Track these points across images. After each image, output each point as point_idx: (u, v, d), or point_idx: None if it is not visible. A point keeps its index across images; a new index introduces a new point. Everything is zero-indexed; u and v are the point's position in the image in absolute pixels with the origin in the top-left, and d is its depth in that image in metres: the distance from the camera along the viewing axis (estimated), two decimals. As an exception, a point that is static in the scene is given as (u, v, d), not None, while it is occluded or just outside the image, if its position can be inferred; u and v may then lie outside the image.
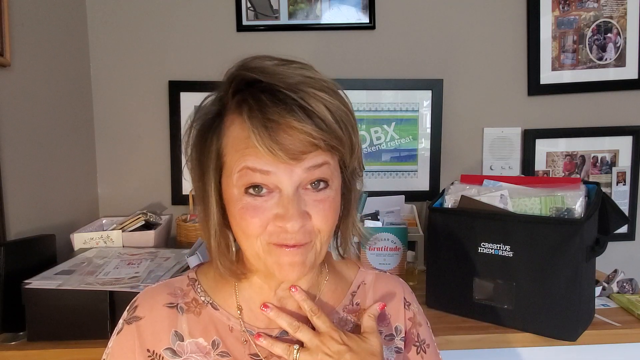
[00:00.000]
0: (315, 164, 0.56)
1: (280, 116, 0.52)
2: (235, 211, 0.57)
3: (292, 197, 0.55)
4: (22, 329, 0.99)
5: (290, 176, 0.55)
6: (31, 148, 1.26)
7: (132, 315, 0.64)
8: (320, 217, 0.57)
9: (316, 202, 0.57)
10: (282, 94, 0.53)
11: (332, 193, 0.58)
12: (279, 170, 0.54)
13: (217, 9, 1.61)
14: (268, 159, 0.53)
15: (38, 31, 1.30)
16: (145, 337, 0.63)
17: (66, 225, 1.37)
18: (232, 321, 0.64)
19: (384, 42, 1.64)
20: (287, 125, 0.53)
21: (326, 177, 0.57)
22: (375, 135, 1.66)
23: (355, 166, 0.63)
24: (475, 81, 1.67)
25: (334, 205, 0.59)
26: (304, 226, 0.56)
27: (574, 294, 0.98)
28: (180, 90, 1.61)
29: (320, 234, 0.58)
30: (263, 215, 0.56)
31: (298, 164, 0.54)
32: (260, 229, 0.56)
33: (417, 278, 1.32)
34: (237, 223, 0.58)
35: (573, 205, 1.02)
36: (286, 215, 0.55)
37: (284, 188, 0.55)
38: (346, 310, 0.68)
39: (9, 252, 1.02)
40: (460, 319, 1.10)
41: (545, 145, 1.68)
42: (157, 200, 1.66)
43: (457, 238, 1.10)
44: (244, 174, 0.55)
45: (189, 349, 0.62)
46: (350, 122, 0.58)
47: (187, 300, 0.66)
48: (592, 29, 1.65)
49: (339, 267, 0.73)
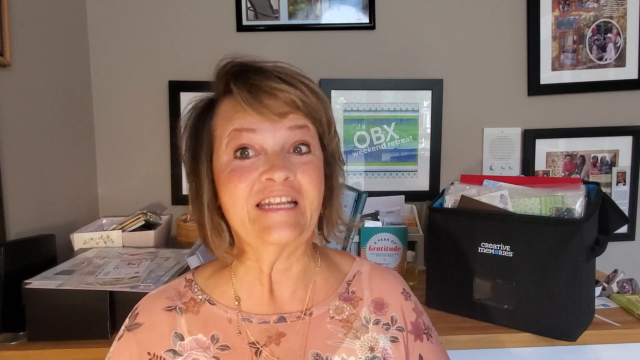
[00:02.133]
0: (297, 124, 0.61)
1: (262, 81, 0.59)
2: (225, 177, 0.60)
3: (278, 153, 0.60)
4: (22, 329, 0.99)
5: (274, 134, 0.60)
6: (31, 148, 1.26)
7: (133, 322, 0.66)
8: (306, 176, 0.60)
9: (301, 163, 0.61)
10: (263, 69, 0.61)
11: (315, 159, 0.62)
12: (264, 128, 0.59)
13: (217, 9, 1.61)
14: (253, 118, 0.59)
15: (38, 31, 1.30)
16: (146, 342, 0.64)
17: (66, 225, 1.37)
18: (230, 313, 0.66)
19: (384, 42, 1.64)
20: (268, 87, 0.59)
21: (307, 140, 0.62)
22: (375, 135, 1.66)
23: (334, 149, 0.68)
24: (475, 81, 1.67)
25: (317, 170, 0.62)
26: (288, 178, 0.59)
27: (574, 294, 0.98)
28: (180, 90, 1.61)
29: (308, 195, 0.60)
30: (250, 175, 0.59)
31: (281, 121, 0.60)
32: (247, 189, 0.59)
33: (417, 278, 1.32)
34: (225, 189, 0.61)
35: (573, 205, 1.02)
36: (272, 166, 0.58)
37: (269, 147, 0.60)
38: (342, 297, 0.70)
39: (9, 252, 1.02)
40: (460, 319, 1.10)
41: (545, 145, 1.68)
42: (157, 200, 1.66)
43: (457, 238, 1.10)
44: (232, 137, 0.60)
45: (189, 347, 0.64)
46: (324, 99, 0.64)
47: (185, 300, 0.67)
48: (592, 29, 1.65)
49: (333, 257, 0.75)
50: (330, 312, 0.68)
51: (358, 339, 0.66)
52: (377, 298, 0.71)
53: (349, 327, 0.67)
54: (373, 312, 0.69)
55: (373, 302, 0.70)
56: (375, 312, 0.69)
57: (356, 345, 0.66)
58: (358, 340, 0.66)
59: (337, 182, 0.69)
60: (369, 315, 0.69)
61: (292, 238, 0.59)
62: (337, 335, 0.66)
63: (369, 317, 0.69)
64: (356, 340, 0.66)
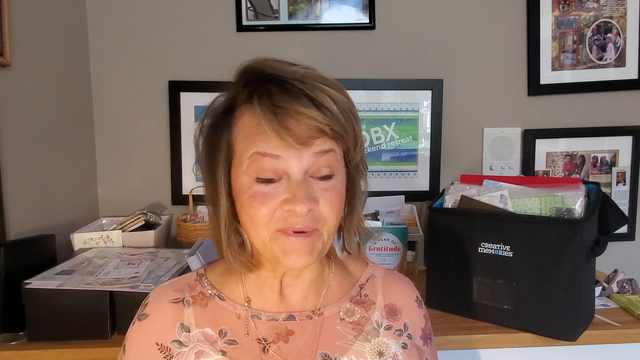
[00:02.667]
0: (322, 149, 0.58)
1: (288, 103, 0.56)
2: (244, 199, 0.59)
3: (300, 182, 0.57)
4: (22, 329, 0.99)
5: (298, 161, 0.57)
6: (31, 148, 1.26)
7: (142, 313, 0.68)
8: (328, 204, 0.59)
9: (323, 190, 0.59)
10: (289, 84, 0.57)
11: (337, 184, 0.61)
12: (288, 154, 0.57)
13: (217, 9, 1.61)
14: (277, 143, 0.56)
15: (38, 31, 1.30)
16: (153, 332, 0.65)
17: (66, 225, 1.37)
18: (239, 309, 0.66)
19: (384, 42, 1.64)
20: (294, 111, 0.56)
21: (332, 165, 0.59)
22: (375, 135, 1.66)
23: (358, 162, 0.65)
24: (475, 81, 1.67)
25: (339, 196, 0.61)
26: (311, 210, 0.57)
27: (574, 294, 0.98)
28: (180, 90, 1.61)
29: (327, 222, 0.60)
30: (271, 202, 0.58)
31: (306, 149, 0.57)
32: (268, 216, 0.58)
33: (417, 278, 1.31)
34: (245, 212, 0.60)
35: (573, 205, 1.02)
36: (295, 198, 0.57)
37: (292, 173, 0.58)
38: (353, 301, 0.70)
39: (9, 252, 1.02)
40: (460, 319, 1.10)
41: (545, 145, 1.67)
42: (157, 200, 1.66)
43: (457, 238, 1.10)
44: (254, 160, 0.58)
45: (196, 339, 0.64)
46: (354, 114, 0.61)
47: (194, 293, 0.68)
48: (592, 29, 1.65)
49: (346, 262, 0.75)
50: (341, 314, 0.68)
51: (368, 342, 0.66)
52: (390, 304, 0.71)
53: (359, 329, 0.67)
54: (385, 318, 0.69)
55: (386, 307, 0.70)
56: (388, 318, 0.69)
57: (366, 348, 0.66)
58: (368, 343, 0.66)
59: (358, 191, 0.68)
60: (380, 320, 0.69)
61: (309, 263, 0.60)
62: (346, 337, 0.66)
63: (381, 322, 0.69)
64: (366, 343, 0.66)
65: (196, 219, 1.47)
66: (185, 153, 1.63)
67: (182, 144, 1.63)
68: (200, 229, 1.41)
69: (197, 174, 1.64)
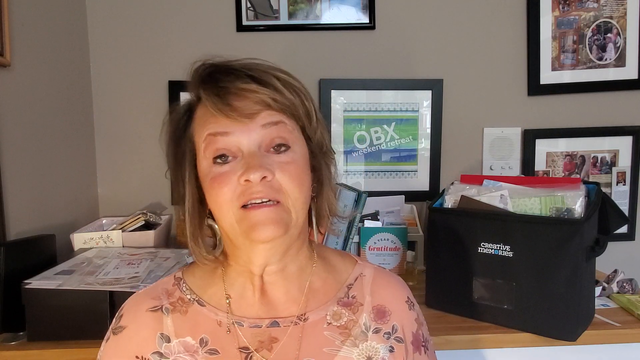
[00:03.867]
0: (270, 121, 0.59)
1: (230, 83, 0.58)
2: (208, 184, 0.60)
3: (253, 153, 0.59)
4: (22, 329, 0.99)
5: (248, 135, 0.59)
6: (31, 148, 1.26)
7: (117, 325, 0.66)
8: (286, 176, 0.59)
9: (280, 163, 0.59)
10: (233, 69, 0.60)
11: (296, 156, 0.61)
12: (237, 130, 0.59)
13: (217, 9, 1.61)
14: (224, 121, 0.58)
15: (38, 31, 1.30)
16: (131, 346, 0.63)
17: (66, 225, 1.37)
18: (220, 315, 0.64)
19: (384, 42, 1.64)
20: (236, 88, 0.58)
21: (285, 136, 0.60)
22: (375, 135, 1.66)
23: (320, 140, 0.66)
24: (475, 81, 1.67)
25: (299, 168, 0.61)
26: (265, 178, 0.58)
27: (574, 294, 0.98)
28: (180, 90, 1.60)
29: (290, 195, 0.59)
30: (230, 179, 0.59)
31: (252, 121, 0.59)
32: (229, 193, 0.59)
33: (417, 278, 1.32)
34: (211, 197, 0.60)
35: (573, 205, 1.02)
36: (248, 167, 0.58)
37: (244, 147, 0.59)
38: (340, 303, 0.67)
39: (9, 252, 1.02)
40: (460, 319, 1.10)
41: (545, 145, 1.67)
42: (157, 200, 1.66)
43: (457, 238, 1.10)
44: (208, 142, 0.60)
45: (177, 350, 0.62)
46: (301, 90, 0.62)
47: (173, 300, 0.66)
48: (592, 29, 1.65)
49: (332, 258, 0.73)
50: (328, 318, 0.65)
51: (356, 347, 0.64)
52: (378, 305, 0.68)
53: (347, 334, 0.64)
54: (373, 320, 0.67)
55: (374, 308, 0.68)
56: (376, 320, 0.67)
57: (354, 354, 0.63)
58: (356, 348, 0.64)
59: (326, 173, 0.68)
60: (369, 322, 0.66)
61: (277, 234, 0.58)
62: (334, 342, 0.64)
63: (369, 325, 0.66)
64: (354, 349, 0.64)
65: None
66: (185, 153, 1.63)
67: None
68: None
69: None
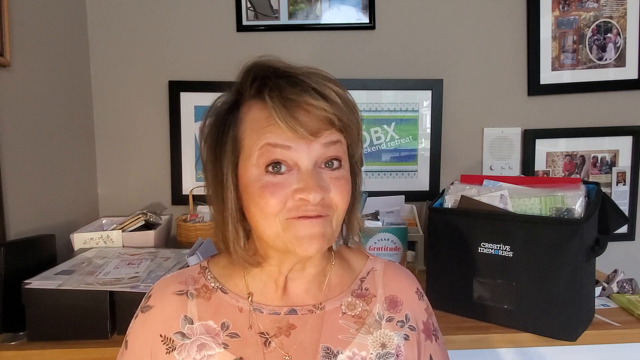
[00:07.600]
0: (331, 140, 0.60)
1: (298, 95, 0.57)
2: (255, 191, 0.59)
3: (312, 171, 0.59)
4: (22, 329, 0.99)
5: (308, 152, 0.59)
6: (31, 148, 1.26)
7: (146, 304, 0.68)
8: (339, 192, 0.60)
9: (333, 179, 0.60)
10: (296, 79, 0.59)
11: (345, 173, 0.62)
12: (299, 145, 0.58)
13: (217, 9, 1.61)
14: (288, 135, 0.57)
15: (38, 31, 1.30)
16: (157, 324, 0.66)
17: (66, 225, 1.37)
18: (241, 302, 0.67)
19: (384, 42, 1.64)
20: (305, 103, 0.57)
21: (340, 156, 0.61)
22: (375, 135, 1.66)
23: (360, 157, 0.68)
24: (475, 81, 1.67)
25: (348, 184, 0.62)
26: (324, 199, 0.59)
27: (574, 294, 0.98)
28: (180, 90, 1.61)
29: (337, 210, 0.61)
30: (282, 192, 0.58)
31: (316, 140, 0.58)
32: (279, 205, 0.58)
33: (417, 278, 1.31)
34: (255, 203, 0.60)
35: (573, 205, 1.02)
36: (307, 187, 0.58)
37: (302, 164, 0.59)
38: (355, 294, 0.70)
39: (9, 252, 1.02)
40: (460, 319, 1.10)
41: (545, 145, 1.68)
42: (157, 200, 1.66)
43: (457, 238, 1.10)
44: (264, 151, 0.59)
45: (199, 331, 0.65)
46: (355, 107, 0.63)
47: (197, 286, 0.69)
48: (592, 29, 1.65)
49: (347, 256, 0.75)
50: (343, 308, 0.68)
51: (370, 334, 0.67)
52: (391, 295, 0.71)
53: (361, 322, 0.67)
54: (387, 310, 0.70)
55: (387, 299, 0.71)
56: (389, 310, 0.70)
57: (368, 341, 0.66)
58: (370, 335, 0.67)
59: (359, 188, 0.70)
60: (382, 312, 0.69)
61: (321, 250, 0.61)
62: (349, 330, 0.66)
63: (382, 314, 0.69)
64: (368, 336, 0.66)
65: (196, 219, 1.47)
66: (185, 153, 1.63)
67: (182, 144, 1.63)
68: (200, 229, 1.41)
69: (198, 174, 1.64)
